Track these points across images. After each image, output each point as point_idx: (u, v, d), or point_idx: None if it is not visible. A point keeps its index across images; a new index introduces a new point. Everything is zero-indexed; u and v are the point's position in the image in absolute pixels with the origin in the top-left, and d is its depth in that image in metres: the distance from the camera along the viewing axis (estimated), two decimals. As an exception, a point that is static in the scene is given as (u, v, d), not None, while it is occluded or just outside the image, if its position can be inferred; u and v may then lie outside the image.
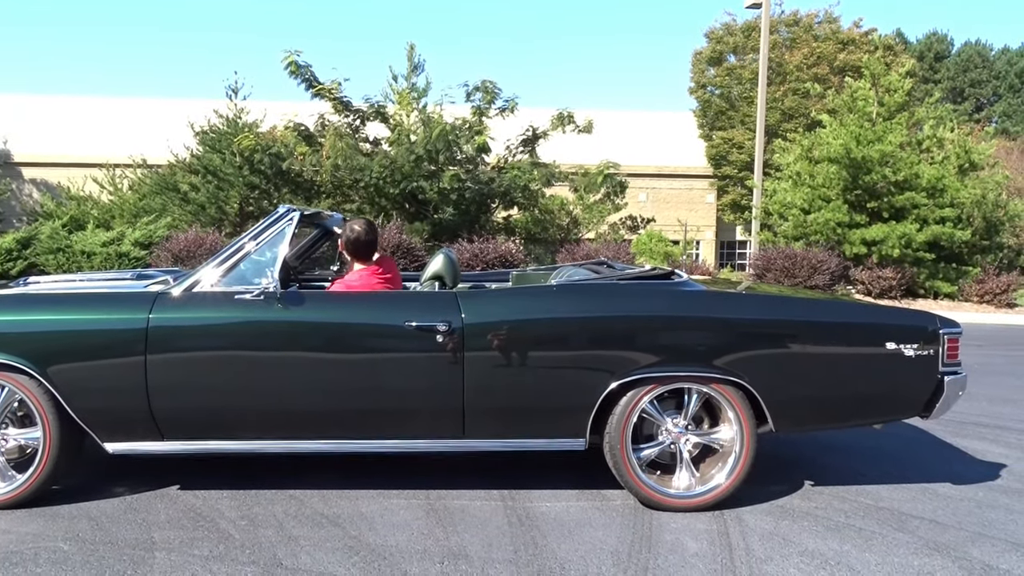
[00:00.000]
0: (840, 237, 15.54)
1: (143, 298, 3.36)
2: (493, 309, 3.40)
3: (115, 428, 3.33)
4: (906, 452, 4.44)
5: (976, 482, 3.90)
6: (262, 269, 3.39)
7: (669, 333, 3.44)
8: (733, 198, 28.03)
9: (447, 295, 3.50)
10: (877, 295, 14.94)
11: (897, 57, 26.35)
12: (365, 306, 3.49)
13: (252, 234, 3.51)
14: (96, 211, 17.43)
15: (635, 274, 3.83)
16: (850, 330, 3.54)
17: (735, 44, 28.49)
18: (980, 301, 14.94)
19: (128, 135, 23.77)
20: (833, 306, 3.86)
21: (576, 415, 3.39)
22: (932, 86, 33.08)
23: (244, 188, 15.28)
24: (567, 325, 3.42)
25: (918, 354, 3.46)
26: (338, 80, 14.03)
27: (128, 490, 3.58)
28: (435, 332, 3.29)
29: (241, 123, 16.03)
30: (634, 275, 3.81)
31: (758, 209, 18.11)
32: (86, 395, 3.26)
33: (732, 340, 3.42)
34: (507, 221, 15.87)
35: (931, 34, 42.32)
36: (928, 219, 15.15)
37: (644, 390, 3.38)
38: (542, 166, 14.86)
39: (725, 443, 3.48)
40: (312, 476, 3.81)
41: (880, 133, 15.19)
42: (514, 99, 14.55)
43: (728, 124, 27.97)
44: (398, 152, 13.72)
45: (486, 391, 3.35)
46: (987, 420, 5.26)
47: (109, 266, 13.94)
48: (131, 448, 3.37)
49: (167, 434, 3.35)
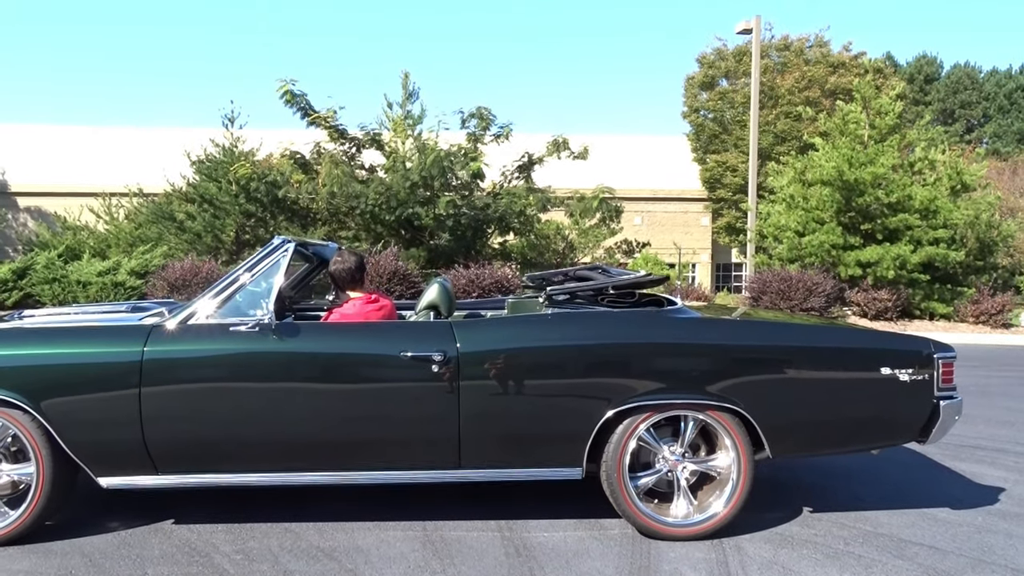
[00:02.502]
0: (835, 259, 15.60)
1: (138, 331, 3.35)
2: (488, 338, 3.41)
3: (109, 462, 3.31)
4: (904, 476, 4.42)
5: (975, 506, 3.89)
6: (257, 301, 3.40)
7: (665, 360, 3.44)
8: (728, 221, 28.15)
9: (442, 325, 3.51)
10: (873, 317, 14.97)
11: (887, 80, 26.65)
12: (360, 337, 3.49)
13: (247, 266, 3.52)
14: (92, 240, 17.43)
15: (630, 280, 3.85)
16: (845, 355, 3.55)
17: (727, 69, 28.79)
18: (976, 322, 14.98)
19: (124, 164, 23.86)
20: (828, 331, 3.87)
21: (572, 444, 3.38)
22: (923, 108, 33.42)
23: (240, 216, 15.30)
24: (563, 353, 3.42)
25: (913, 379, 3.47)
26: (333, 108, 14.13)
27: (122, 525, 3.55)
28: (431, 362, 3.29)
29: (237, 152, 16.10)
30: (629, 281, 3.83)
31: (753, 232, 18.20)
32: (80, 429, 3.25)
33: (727, 367, 3.43)
34: (503, 246, 15.91)
35: (921, 57, 42.88)
36: (922, 240, 15.24)
37: (640, 418, 3.37)
38: (537, 191, 14.93)
39: (722, 470, 3.47)
40: (308, 508, 3.78)
41: (872, 155, 15.32)
42: (509, 125, 14.68)
43: (721, 147, 28.18)
44: (393, 179, 13.78)
45: (482, 421, 3.34)
46: (985, 443, 5.25)
47: (105, 296, 13.90)
48: (125, 482, 3.34)
49: (161, 468, 3.33)
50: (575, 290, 4.01)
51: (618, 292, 3.94)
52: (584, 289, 3.99)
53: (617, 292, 3.95)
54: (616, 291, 3.94)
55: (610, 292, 3.93)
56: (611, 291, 3.92)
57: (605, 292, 3.97)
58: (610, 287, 3.87)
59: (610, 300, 4.02)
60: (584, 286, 3.97)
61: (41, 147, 27.25)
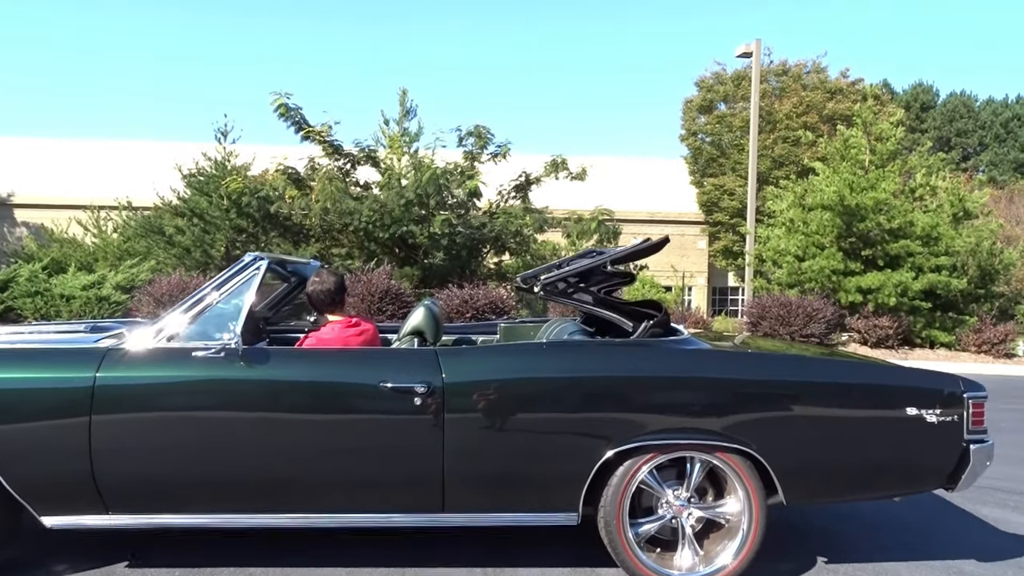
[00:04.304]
0: (835, 285, 15.35)
1: (90, 354, 3.04)
2: (477, 368, 3.10)
3: (54, 500, 2.99)
4: (925, 522, 4.11)
5: (1003, 558, 3.58)
6: (224, 323, 3.09)
7: (670, 396, 3.14)
8: (725, 244, 28.00)
9: (427, 352, 3.21)
10: (873, 344, 14.69)
11: (884, 107, 26.62)
12: (336, 364, 3.17)
13: (215, 283, 3.22)
14: (79, 253, 17.10)
15: (627, 251, 3.51)
16: (868, 393, 3.24)
17: (725, 93, 28.78)
18: (978, 351, 14.70)
19: (114, 177, 23.62)
20: (849, 367, 3.57)
21: (568, 486, 3.07)
22: (919, 136, 33.44)
23: (231, 231, 15.02)
24: (559, 386, 3.11)
25: (941, 420, 3.17)
26: (328, 123, 13.92)
27: (70, 568, 3.23)
28: (413, 394, 2.98)
29: (230, 166, 15.86)
30: (627, 252, 3.49)
31: (751, 256, 17.97)
32: (22, 462, 2.93)
33: (739, 404, 3.13)
34: (499, 267, 15.64)
35: (917, 85, 43.02)
36: (923, 267, 15.01)
37: (643, 459, 3.07)
38: (534, 211, 14.71)
39: (732, 517, 3.17)
40: (275, 551, 3.45)
41: (873, 180, 15.14)
42: (506, 144, 14.47)
43: (719, 171, 28.10)
44: (388, 196, 13.54)
45: (468, 460, 3.03)
46: (1003, 484, 4.95)
47: (89, 311, 13.55)
48: (72, 522, 3.02)
49: (112, 507, 3.00)
50: (569, 273, 3.48)
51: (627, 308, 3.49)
52: (579, 270, 3.47)
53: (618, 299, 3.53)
54: (614, 265, 3.47)
55: (608, 269, 3.45)
56: (609, 267, 3.45)
57: (603, 274, 3.48)
58: (607, 262, 3.46)
59: (610, 306, 3.49)
60: (579, 267, 3.48)
61: (29, 159, 26.99)
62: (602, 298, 3.46)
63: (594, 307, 3.46)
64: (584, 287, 3.48)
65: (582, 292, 3.48)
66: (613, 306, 3.44)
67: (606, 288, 3.53)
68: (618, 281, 3.55)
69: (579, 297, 3.47)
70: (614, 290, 3.61)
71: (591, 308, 3.48)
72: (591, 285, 3.49)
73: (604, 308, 3.44)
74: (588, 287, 3.48)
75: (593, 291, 3.47)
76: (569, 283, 3.47)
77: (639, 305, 3.45)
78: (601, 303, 3.45)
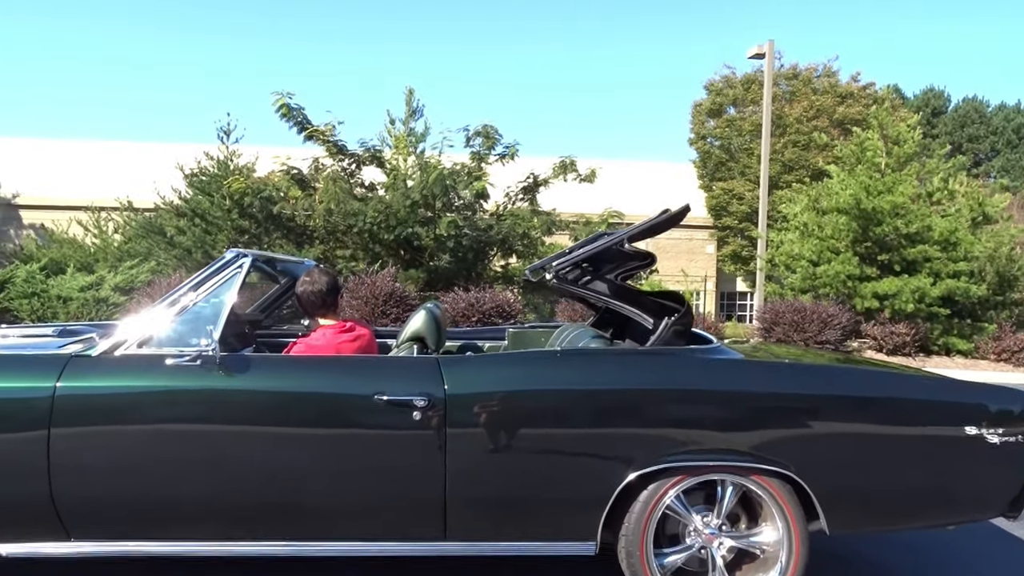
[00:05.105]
0: (851, 290, 14.97)
1: (51, 361, 2.72)
2: (483, 379, 2.77)
3: (8, 525, 2.67)
4: (976, 551, 3.76)
5: (1067, 593, 3.22)
6: (201, 327, 2.76)
7: (701, 412, 2.80)
8: (733, 249, 27.66)
9: (428, 361, 2.88)
10: (890, 351, 14.30)
11: (896, 111, 26.26)
12: (325, 374, 2.84)
13: (193, 283, 2.90)
14: (79, 254, 16.84)
15: (645, 225, 3.13)
16: (922, 409, 2.90)
17: (735, 96, 28.47)
18: (997, 359, 14.31)
19: (115, 178, 23.40)
20: (901, 380, 3.22)
21: (585, 512, 2.74)
22: (930, 141, 33.04)
23: (233, 232, 14.73)
24: (575, 399, 2.78)
25: (1004, 440, 2.82)
26: (332, 123, 13.64)
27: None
28: (411, 408, 2.65)
29: (232, 166, 15.60)
30: (645, 227, 3.11)
31: (763, 260, 17.61)
32: (-28, 482, 2.61)
33: (777, 420, 2.79)
34: (505, 269, 15.33)
35: (928, 90, 42.63)
36: (941, 273, 14.62)
37: (670, 482, 2.73)
38: (542, 214, 14.42)
39: (768, 547, 2.83)
40: (260, 579, 3.12)
41: (890, 184, 14.77)
42: (515, 145, 14.18)
43: (728, 175, 27.78)
44: (393, 197, 13.26)
45: (473, 482, 2.70)
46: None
47: (87, 312, 13.28)
48: (29, 550, 2.69)
49: (74, 532, 2.68)
50: (583, 256, 3.12)
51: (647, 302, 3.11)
52: (594, 251, 3.11)
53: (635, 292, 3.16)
54: (632, 242, 3.11)
55: (625, 248, 3.10)
56: (626, 245, 3.09)
57: (620, 255, 3.10)
58: (625, 240, 3.09)
59: (629, 298, 3.13)
60: (594, 248, 3.12)
61: (30, 160, 26.85)
62: (619, 286, 3.09)
63: (611, 299, 3.11)
64: (599, 274, 3.12)
65: (597, 281, 3.11)
66: (632, 298, 3.09)
67: (623, 273, 3.17)
68: (636, 264, 3.18)
69: (594, 287, 3.11)
70: (632, 275, 3.24)
71: (608, 300, 3.12)
72: (606, 272, 3.13)
73: (622, 300, 3.08)
74: (603, 274, 3.12)
75: (609, 279, 3.10)
76: (583, 270, 3.12)
77: (659, 297, 3.11)
78: (619, 294, 3.09)
